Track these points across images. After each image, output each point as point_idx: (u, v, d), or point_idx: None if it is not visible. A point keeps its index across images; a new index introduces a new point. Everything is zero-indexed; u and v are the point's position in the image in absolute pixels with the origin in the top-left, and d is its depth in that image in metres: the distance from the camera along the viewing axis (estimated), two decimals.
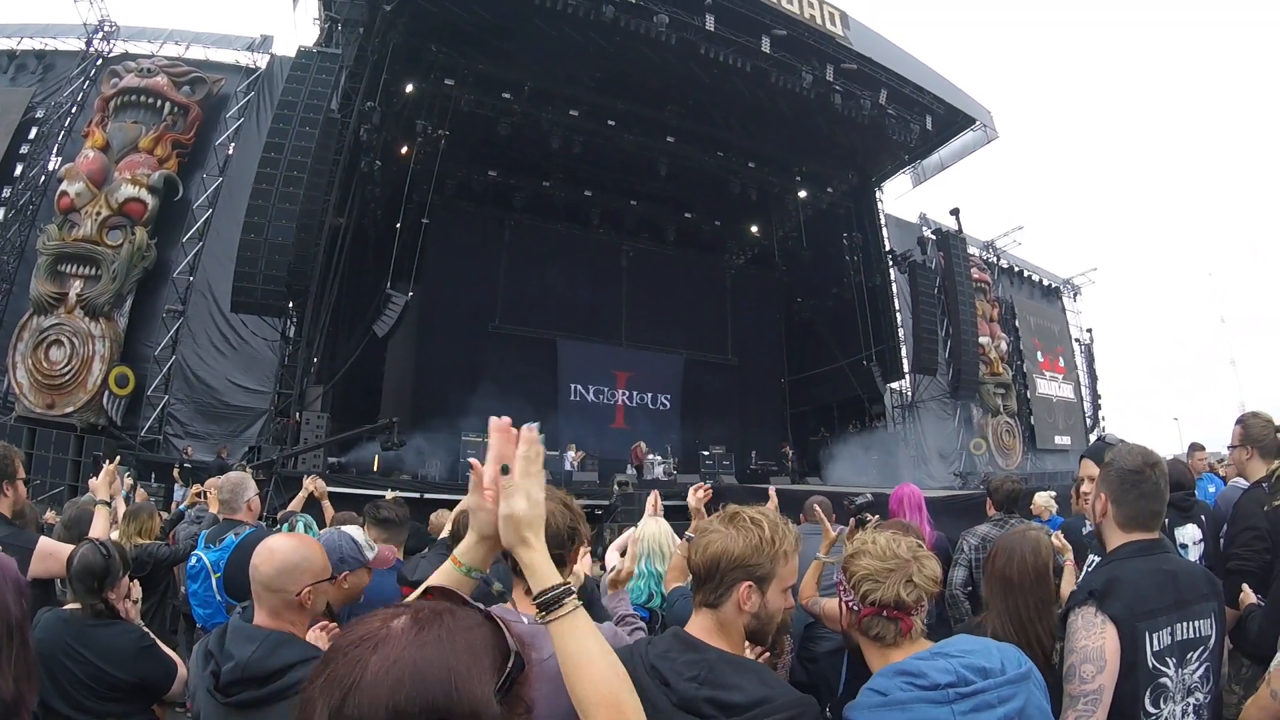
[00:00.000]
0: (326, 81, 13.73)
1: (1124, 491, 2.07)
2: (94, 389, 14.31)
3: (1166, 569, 1.99)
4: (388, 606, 0.84)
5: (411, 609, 0.82)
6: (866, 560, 1.72)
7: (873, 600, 1.67)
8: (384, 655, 0.74)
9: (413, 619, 0.79)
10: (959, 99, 19.14)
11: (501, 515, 1.33)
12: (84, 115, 16.17)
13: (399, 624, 0.78)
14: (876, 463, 19.73)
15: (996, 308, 25.57)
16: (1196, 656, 1.93)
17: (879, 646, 1.68)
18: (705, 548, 1.67)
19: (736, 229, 24.39)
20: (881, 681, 1.54)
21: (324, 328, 15.03)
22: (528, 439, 1.36)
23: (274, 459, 12.32)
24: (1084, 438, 26.90)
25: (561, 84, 17.94)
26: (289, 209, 12.87)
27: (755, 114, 18.76)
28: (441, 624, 0.79)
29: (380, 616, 0.80)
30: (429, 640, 0.76)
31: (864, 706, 1.52)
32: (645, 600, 3.37)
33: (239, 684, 1.90)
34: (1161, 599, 1.92)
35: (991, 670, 1.48)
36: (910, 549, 1.74)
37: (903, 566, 1.68)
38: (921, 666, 1.50)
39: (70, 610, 2.70)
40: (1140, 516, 2.06)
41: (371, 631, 0.77)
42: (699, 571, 1.67)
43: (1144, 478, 2.06)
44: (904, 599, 1.65)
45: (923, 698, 1.45)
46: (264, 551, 2.08)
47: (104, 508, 3.63)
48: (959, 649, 1.55)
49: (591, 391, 21.75)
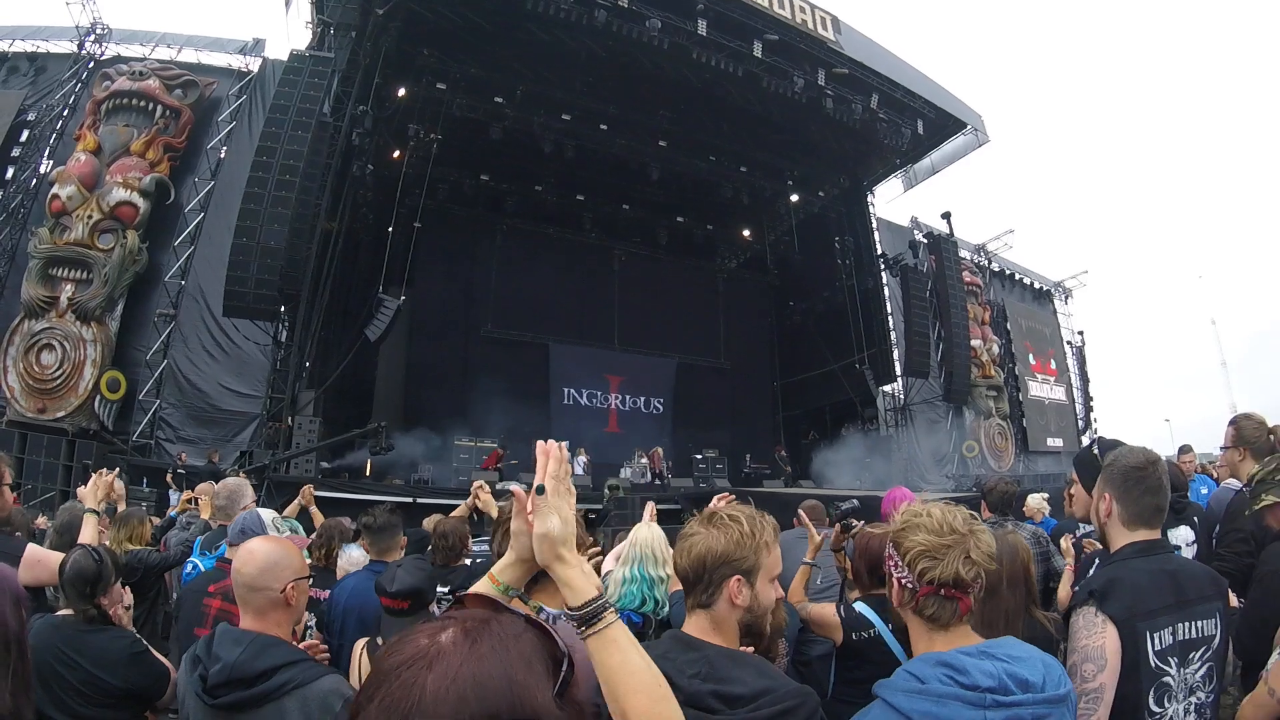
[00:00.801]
0: (319, 85, 13.72)
1: (1127, 489, 2.08)
2: (85, 393, 14.22)
3: (1168, 569, 1.99)
4: (429, 622, 0.80)
5: (457, 621, 0.79)
6: (922, 535, 1.61)
7: (930, 579, 1.57)
8: (441, 673, 0.71)
9: (462, 631, 0.77)
10: (950, 103, 19.23)
11: (536, 535, 1.35)
12: (75, 118, 16.08)
13: (448, 638, 0.75)
14: (869, 466, 19.77)
15: (988, 311, 25.64)
16: (1199, 656, 1.93)
17: (929, 629, 1.60)
18: (689, 550, 1.69)
19: (728, 233, 24.43)
20: (922, 668, 1.49)
21: (316, 332, 14.99)
22: (557, 457, 1.38)
23: (266, 463, 12.28)
24: (1076, 440, 27.02)
25: (553, 88, 17.95)
26: (281, 213, 12.85)
27: (747, 118, 18.81)
28: (491, 633, 0.77)
29: (424, 633, 0.77)
30: (484, 652, 0.74)
31: (897, 688, 1.48)
32: (639, 605, 3.38)
33: (226, 685, 1.90)
34: (1162, 599, 1.92)
35: (1033, 684, 1.43)
36: (965, 522, 1.63)
37: (960, 541, 1.58)
38: (966, 663, 1.45)
39: (62, 616, 2.69)
40: (1145, 513, 2.07)
41: (421, 650, 0.74)
42: (687, 575, 1.69)
43: (1147, 474, 2.07)
44: (963, 576, 1.56)
45: (959, 696, 1.41)
46: (243, 555, 2.13)
47: (92, 516, 3.62)
48: (1006, 653, 1.49)
49: (584, 395, 21.76)
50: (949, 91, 19.38)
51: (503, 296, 20.89)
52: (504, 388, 18.24)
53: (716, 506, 1.83)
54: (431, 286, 19.27)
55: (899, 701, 1.45)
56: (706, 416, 22.34)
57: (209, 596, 3.10)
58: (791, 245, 23.04)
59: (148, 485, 11.98)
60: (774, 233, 24.10)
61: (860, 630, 2.78)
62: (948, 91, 19.33)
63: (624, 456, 18.02)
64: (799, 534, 4.39)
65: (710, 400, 23.12)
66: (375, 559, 4.04)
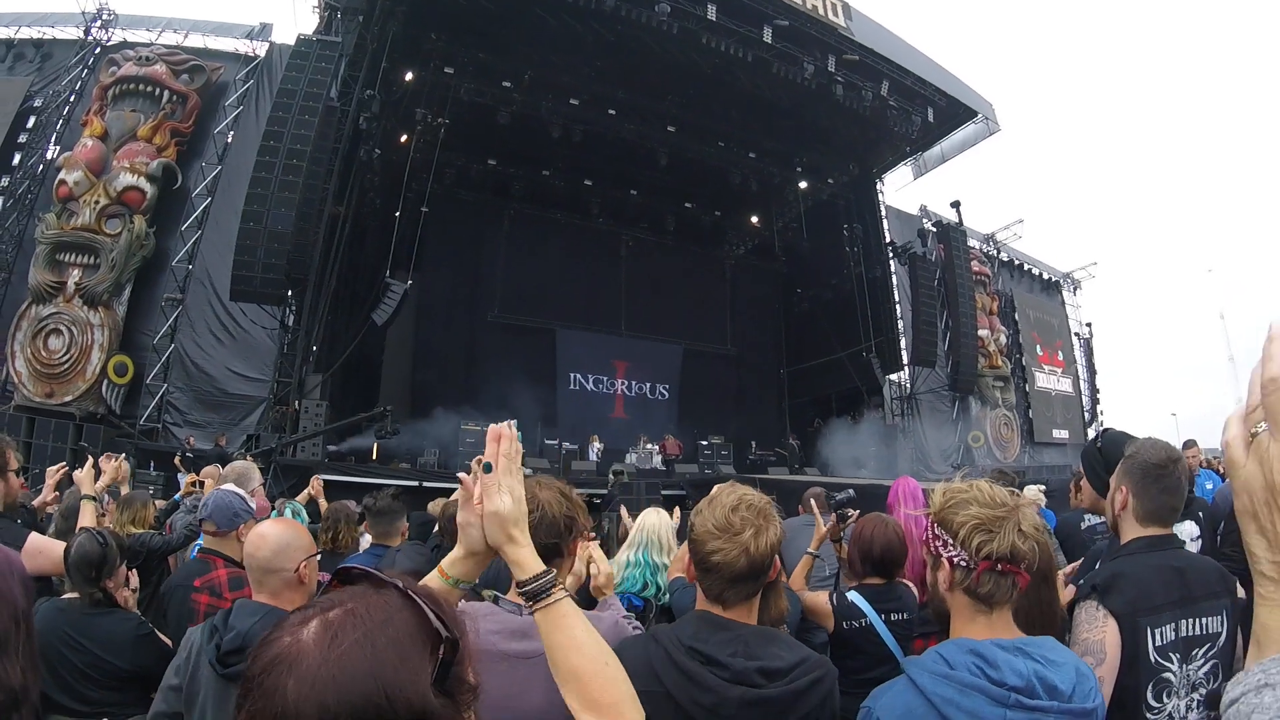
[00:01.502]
0: (326, 70, 13.68)
1: (1146, 485, 2.06)
2: (93, 378, 14.29)
3: (1175, 565, 1.98)
4: (298, 610, 0.75)
5: (319, 610, 0.73)
6: (975, 509, 1.53)
7: (987, 553, 1.49)
8: (301, 678, 0.66)
9: (322, 625, 0.71)
10: (961, 91, 19.09)
11: (486, 513, 1.33)
12: (82, 104, 16.08)
13: (309, 634, 0.70)
14: (874, 454, 19.76)
15: (996, 301, 25.52)
16: (1203, 653, 1.92)
17: (974, 610, 1.54)
18: (760, 543, 1.66)
19: (736, 219, 24.34)
20: (954, 653, 1.47)
21: (323, 316, 15.01)
22: (508, 436, 1.37)
23: (273, 447, 12.33)
24: (1082, 432, 26.93)
25: (561, 73, 17.86)
26: (288, 197, 12.83)
27: (756, 104, 18.70)
28: (357, 623, 0.71)
29: (288, 627, 0.72)
30: (347, 648, 0.68)
31: (924, 667, 1.47)
32: (640, 589, 3.42)
33: (239, 653, 1.92)
34: (1166, 595, 1.91)
35: (1061, 692, 1.40)
36: (1011, 495, 1.57)
37: (1011, 514, 1.52)
38: (999, 657, 1.42)
39: (68, 600, 2.70)
40: (1160, 511, 2.05)
41: (283, 651, 0.69)
42: (744, 572, 1.66)
43: (1167, 472, 2.05)
44: (1020, 548, 1.49)
45: (984, 689, 1.38)
46: (255, 538, 2.16)
47: (90, 502, 3.63)
48: (1042, 654, 1.46)
49: (591, 381, 21.78)
50: (960, 79, 19.24)
51: (509, 282, 20.89)
52: (510, 373, 18.28)
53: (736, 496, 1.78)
54: (438, 271, 19.25)
55: (924, 682, 1.44)
56: (712, 403, 22.36)
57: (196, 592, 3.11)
58: (800, 232, 22.96)
59: (155, 469, 12.03)
60: (782, 220, 23.99)
61: (851, 619, 2.78)
62: (959, 79, 19.19)
63: (630, 443, 18.06)
64: (805, 521, 4.38)
65: (716, 387, 23.13)
66: (376, 542, 4.05)
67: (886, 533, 2.97)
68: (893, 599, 2.85)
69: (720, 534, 1.66)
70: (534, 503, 1.83)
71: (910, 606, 2.88)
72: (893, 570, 2.95)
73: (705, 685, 1.54)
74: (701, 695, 1.54)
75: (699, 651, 1.58)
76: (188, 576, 3.27)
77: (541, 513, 1.83)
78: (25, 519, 4.31)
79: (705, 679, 1.54)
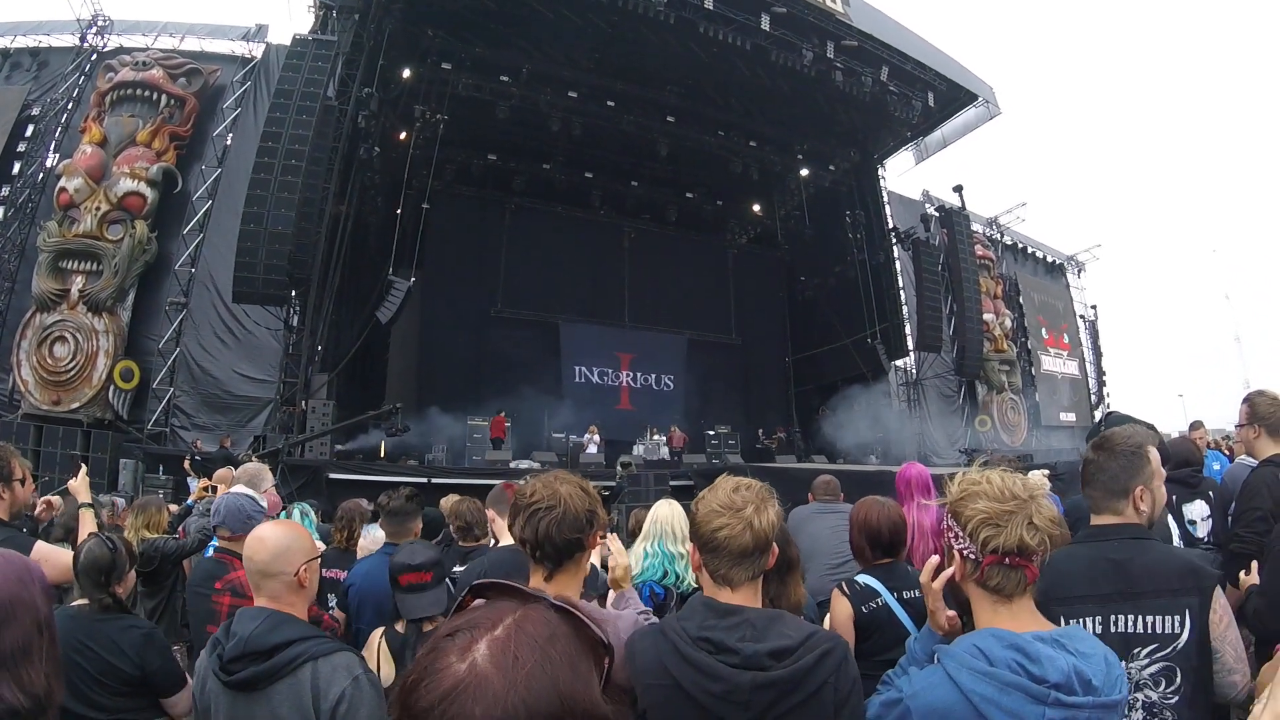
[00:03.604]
0: (323, 69, 13.64)
1: (1092, 472, 2.08)
2: (99, 384, 14.32)
3: (1114, 557, 1.92)
4: (447, 637, 0.72)
5: (480, 630, 0.71)
6: (983, 503, 1.53)
7: (994, 547, 1.50)
8: (490, 705, 0.65)
9: (494, 647, 0.69)
10: (961, 75, 19.01)
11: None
12: (80, 111, 16.07)
13: (484, 658, 0.68)
14: (880, 441, 19.76)
15: (1000, 284, 25.44)
16: (1149, 653, 1.86)
17: (993, 601, 1.54)
18: (754, 525, 1.71)
19: (738, 208, 24.30)
20: (993, 646, 1.45)
21: (327, 316, 15.03)
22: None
23: (279, 447, 12.35)
24: (1089, 415, 26.85)
25: (560, 66, 17.83)
26: (288, 198, 12.82)
27: (756, 93, 18.64)
28: (528, 641, 0.70)
29: (453, 652, 0.70)
30: (529, 669, 0.67)
31: (963, 663, 1.45)
32: (660, 577, 3.46)
33: (241, 659, 1.91)
34: (1093, 587, 1.88)
35: (1094, 687, 1.38)
36: (1026, 488, 1.56)
37: (1022, 507, 1.51)
38: (1041, 653, 1.40)
39: (78, 606, 2.70)
40: (1097, 500, 2.05)
41: (459, 679, 0.67)
42: (748, 549, 1.70)
43: (1106, 457, 2.05)
44: (1028, 543, 1.49)
45: (1024, 688, 1.37)
46: (254, 542, 2.14)
47: (88, 510, 3.64)
48: (1078, 647, 1.44)
49: (596, 373, 21.77)
50: (960, 63, 19.15)
51: (512, 276, 20.88)
52: (516, 367, 18.31)
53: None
54: (441, 268, 19.25)
55: (962, 679, 1.43)
56: (718, 393, 22.33)
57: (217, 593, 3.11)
58: (802, 220, 22.90)
59: (164, 473, 12.06)
60: (784, 208, 23.94)
61: (868, 601, 2.77)
62: (959, 63, 19.11)
63: (636, 434, 18.07)
64: (816, 509, 4.39)
65: (722, 376, 23.09)
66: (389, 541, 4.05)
67: (889, 514, 2.99)
68: (903, 577, 2.86)
69: (724, 511, 1.71)
70: (555, 498, 1.89)
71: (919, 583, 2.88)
72: (898, 550, 2.98)
73: (715, 675, 1.56)
74: (712, 684, 1.56)
75: (708, 640, 1.60)
76: (207, 578, 3.28)
77: (564, 508, 1.87)
78: (30, 528, 4.33)
79: (714, 669, 1.56)
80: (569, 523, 1.86)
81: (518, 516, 1.93)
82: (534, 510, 1.88)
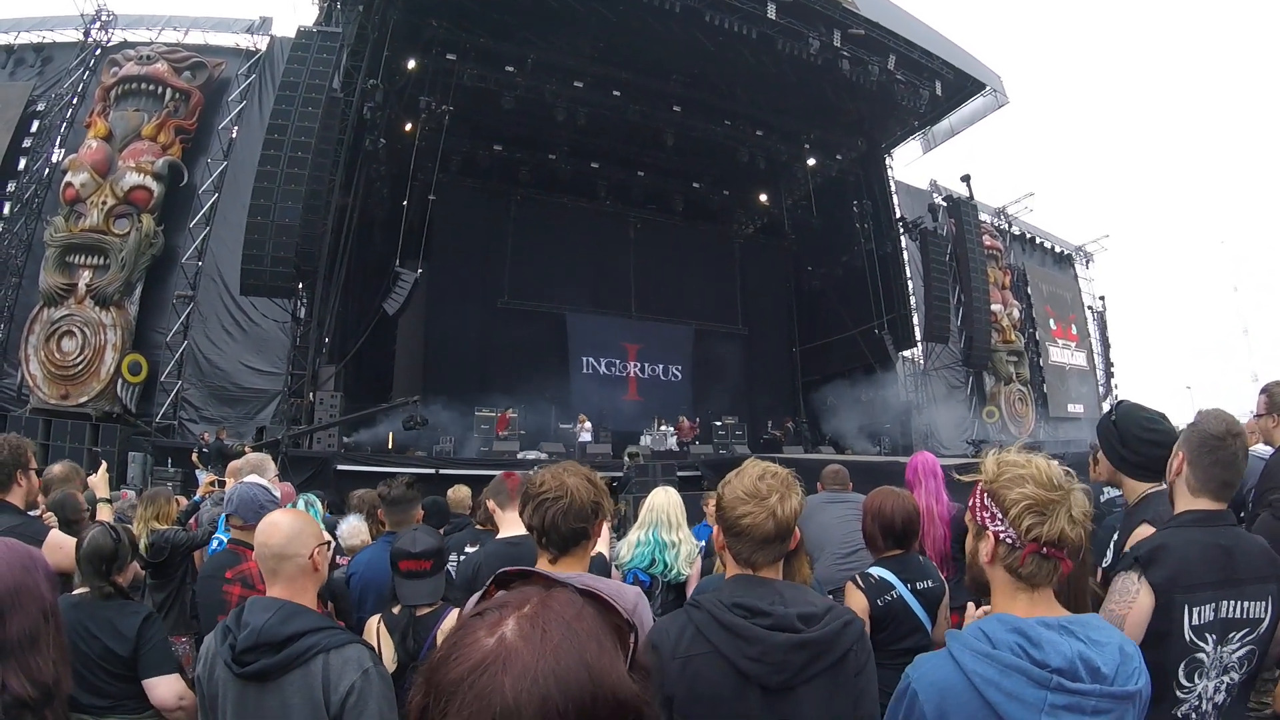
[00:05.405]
0: (327, 61, 13.63)
1: (1200, 455, 2.01)
2: (107, 378, 14.39)
3: (1223, 544, 1.92)
4: (476, 616, 0.75)
5: (512, 607, 0.73)
6: (1030, 488, 1.47)
7: (1035, 535, 1.44)
8: (519, 674, 0.66)
9: (527, 622, 0.71)
10: (969, 64, 18.88)
11: None
12: (85, 106, 16.13)
13: (514, 633, 0.70)
14: (888, 431, 19.73)
15: (1008, 275, 25.36)
16: (1240, 637, 1.86)
17: (1016, 587, 1.51)
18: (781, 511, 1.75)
19: (745, 198, 24.21)
20: (997, 630, 1.43)
21: (334, 307, 15.06)
22: None
23: (279, 439, 12.36)
24: (1097, 406, 26.78)
25: (565, 56, 17.76)
26: (294, 190, 12.84)
27: (762, 82, 18.54)
28: (555, 617, 0.72)
29: (483, 628, 0.71)
30: (557, 642, 0.69)
31: (964, 643, 1.44)
32: (648, 566, 3.50)
33: (254, 650, 1.91)
34: (1209, 573, 1.86)
35: (1103, 675, 1.36)
36: (1064, 477, 1.51)
37: (1065, 498, 1.46)
38: (1043, 637, 1.39)
39: (80, 594, 2.72)
40: (1210, 484, 2.00)
41: (489, 651, 0.69)
42: (770, 535, 1.75)
43: (1223, 445, 2.00)
44: (1068, 535, 1.45)
45: (1025, 671, 1.35)
46: (267, 527, 2.16)
47: (106, 505, 3.79)
48: (1086, 634, 1.42)
49: (603, 364, 21.78)
50: (967, 52, 19.04)
51: (519, 267, 20.87)
52: (523, 358, 18.31)
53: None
54: (448, 259, 19.26)
55: (965, 660, 1.42)
56: (725, 383, 22.30)
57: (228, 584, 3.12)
58: (809, 210, 22.78)
59: (173, 465, 12.12)
60: (791, 197, 23.82)
61: (884, 594, 2.79)
62: (966, 52, 18.99)
63: (644, 424, 18.08)
64: (825, 498, 4.39)
65: (729, 367, 23.04)
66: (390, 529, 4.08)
67: (903, 504, 3.00)
68: (915, 568, 2.90)
69: (749, 499, 1.75)
70: (562, 489, 2.01)
71: (931, 574, 2.94)
72: (910, 541, 2.99)
73: (751, 637, 1.62)
74: (748, 648, 1.62)
75: (743, 605, 1.68)
76: (218, 568, 3.28)
77: (570, 499, 1.99)
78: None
79: (750, 631, 1.63)
80: (575, 512, 1.99)
81: (527, 504, 2.06)
82: (542, 500, 2.01)
